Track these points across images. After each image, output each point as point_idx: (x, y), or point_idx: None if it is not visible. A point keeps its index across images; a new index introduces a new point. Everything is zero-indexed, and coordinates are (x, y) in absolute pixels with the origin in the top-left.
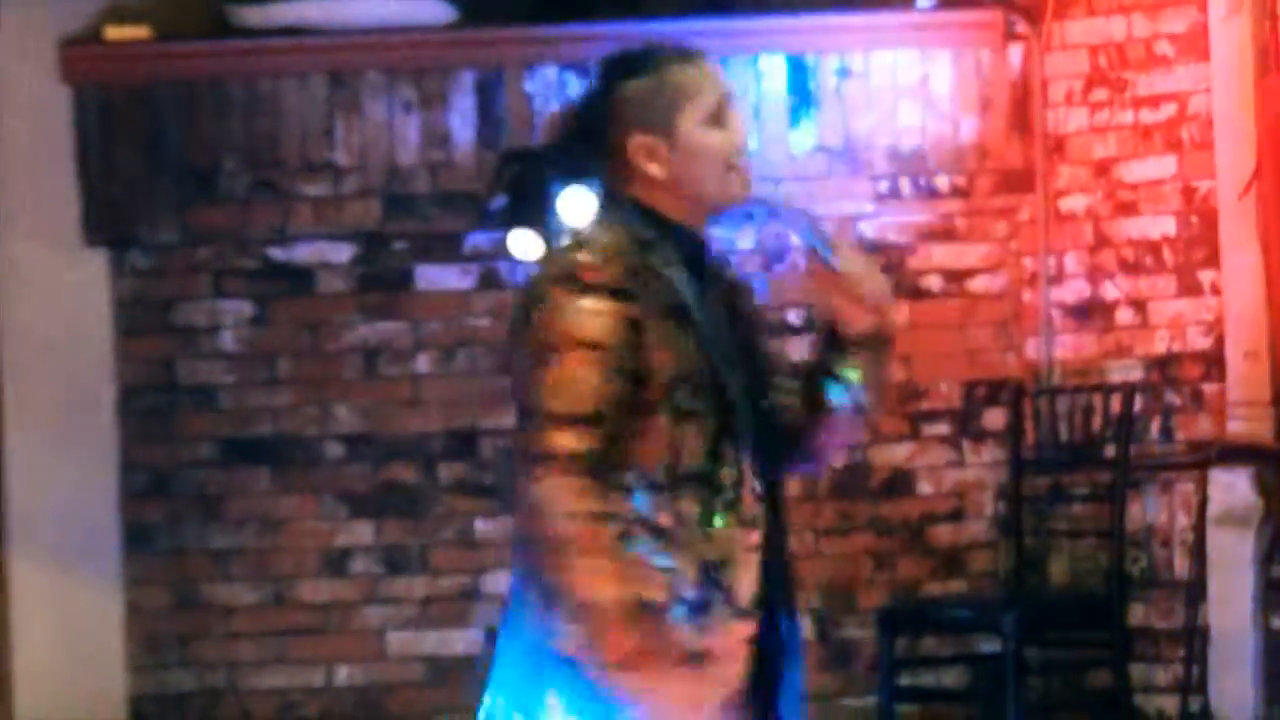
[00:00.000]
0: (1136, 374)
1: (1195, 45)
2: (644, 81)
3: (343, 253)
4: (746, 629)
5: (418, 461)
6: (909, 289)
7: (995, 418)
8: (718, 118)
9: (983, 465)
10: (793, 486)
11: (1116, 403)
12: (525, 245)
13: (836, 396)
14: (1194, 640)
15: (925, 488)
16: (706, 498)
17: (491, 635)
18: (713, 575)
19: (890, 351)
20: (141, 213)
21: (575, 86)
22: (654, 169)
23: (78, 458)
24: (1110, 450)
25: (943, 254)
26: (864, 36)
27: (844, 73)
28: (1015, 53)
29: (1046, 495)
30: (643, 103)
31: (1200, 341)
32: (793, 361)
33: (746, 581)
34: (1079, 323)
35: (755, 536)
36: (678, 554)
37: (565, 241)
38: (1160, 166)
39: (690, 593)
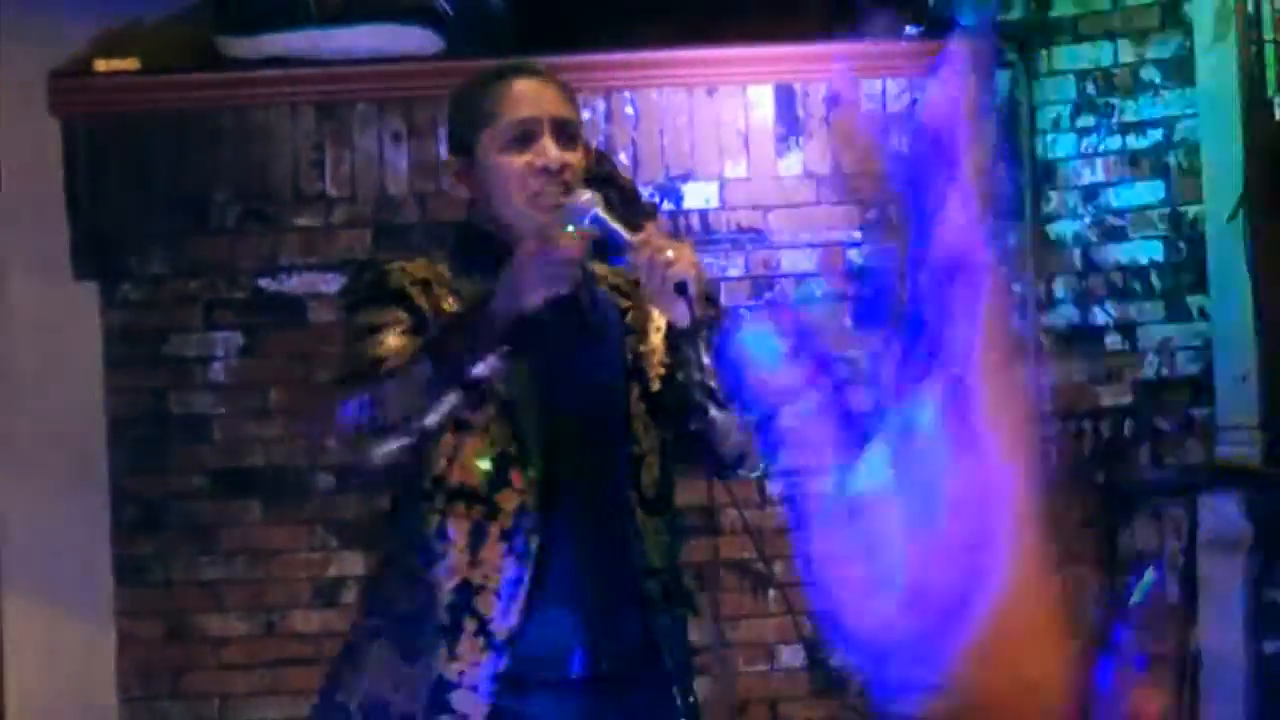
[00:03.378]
0: (1125, 399)
1: (1182, 71)
2: (462, 97)
3: (333, 283)
4: (498, 665)
5: None
6: (898, 316)
7: None
8: (519, 140)
9: None
10: (778, 513)
11: (1105, 428)
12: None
13: (688, 395)
14: (1185, 665)
15: None
16: (479, 519)
17: None
18: (470, 602)
19: (705, 340)
20: (131, 244)
21: None
22: (461, 191)
23: (68, 490)
24: (1099, 475)
25: None
26: (852, 65)
27: (832, 101)
28: (1003, 79)
29: None
30: (455, 118)
31: (1189, 366)
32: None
33: (508, 615)
34: (1068, 348)
35: (525, 571)
36: (439, 572)
37: None
38: (1148, 192)
39: (442, 615)
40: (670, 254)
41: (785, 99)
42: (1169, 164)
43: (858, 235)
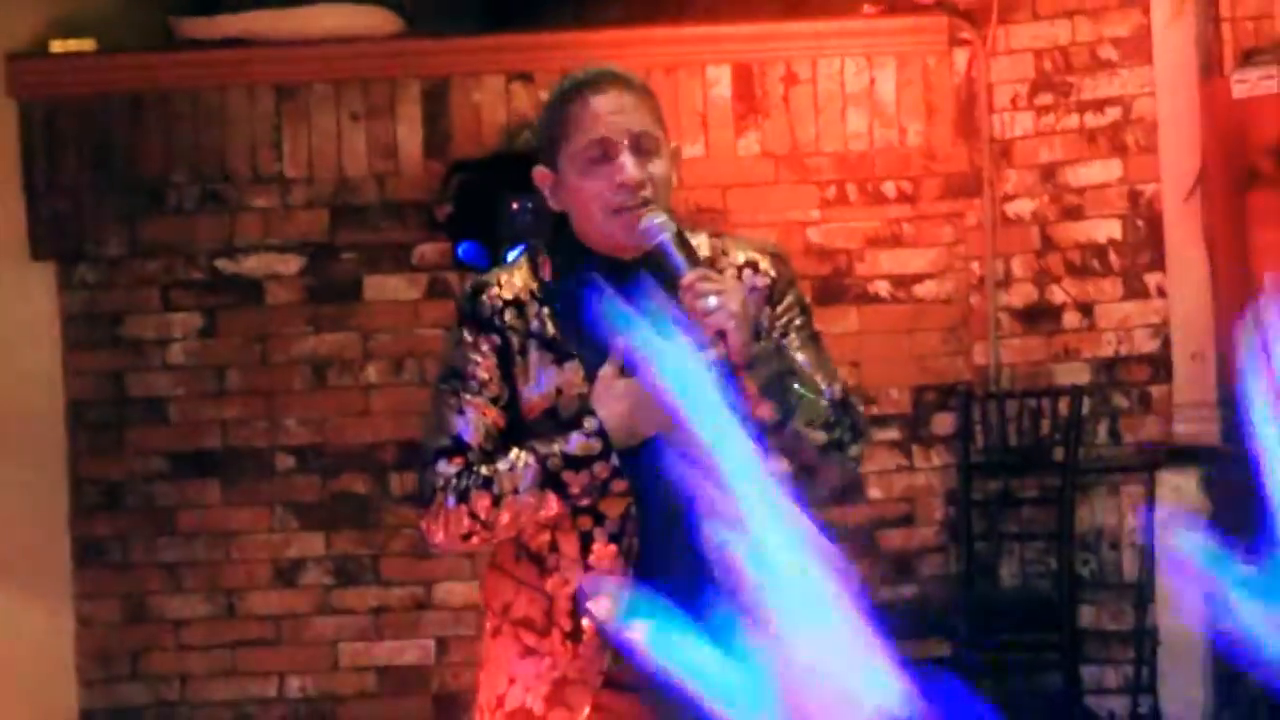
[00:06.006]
0: (1084, 377)
1: (1139, 49)
2: (545, 111)
3: (291, 264)
4: (604, 662)
5: (368, 472)
6: (857, 295)
7: (944, 422)
8: (596, 160)
9: (932, 470)
10: None
11: (1064, 406)
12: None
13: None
14: (1143, 641)
15: (875, 492)
16: (586, 529)
17: (442, 644)
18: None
19: (748, 374)
20: (89, 226)
21: (522, 95)
22: (552, 202)
23: (26, 472)
24: (1059, 453)
25: (890, 259)
26: (810, 44)
27: (790, 80)
28: (960, 58)
29: (996, 499)
30: (541, 133)
31: (1147, 344)
32: None
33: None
34: (1026, 326)
35: (630, 571)
36: (554, 582)
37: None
38: (1105, 170)
39: (564, 621)
40: (712, 302)
41: (744, 78)
42: (1126, 142)
43: (816, 214)
